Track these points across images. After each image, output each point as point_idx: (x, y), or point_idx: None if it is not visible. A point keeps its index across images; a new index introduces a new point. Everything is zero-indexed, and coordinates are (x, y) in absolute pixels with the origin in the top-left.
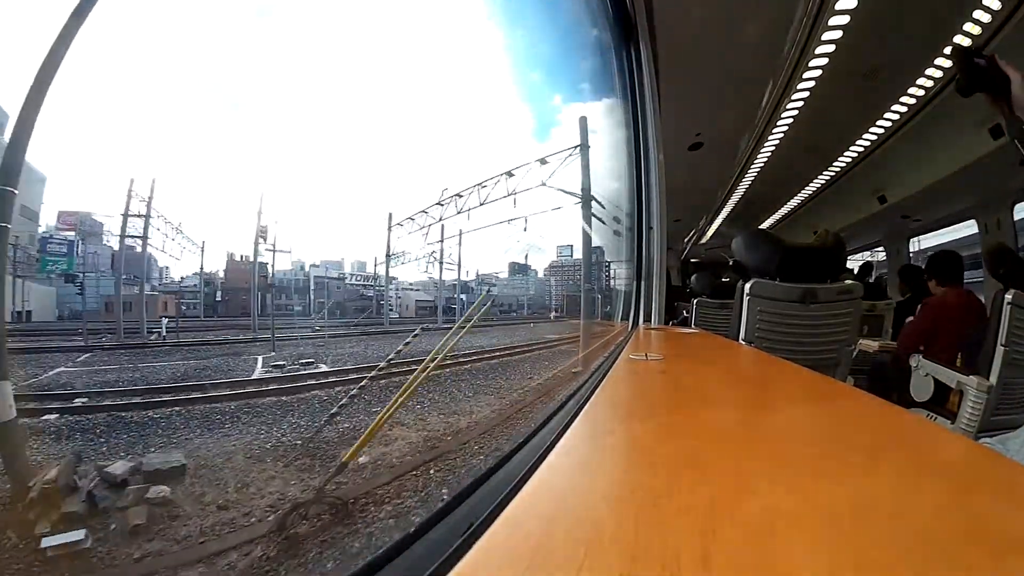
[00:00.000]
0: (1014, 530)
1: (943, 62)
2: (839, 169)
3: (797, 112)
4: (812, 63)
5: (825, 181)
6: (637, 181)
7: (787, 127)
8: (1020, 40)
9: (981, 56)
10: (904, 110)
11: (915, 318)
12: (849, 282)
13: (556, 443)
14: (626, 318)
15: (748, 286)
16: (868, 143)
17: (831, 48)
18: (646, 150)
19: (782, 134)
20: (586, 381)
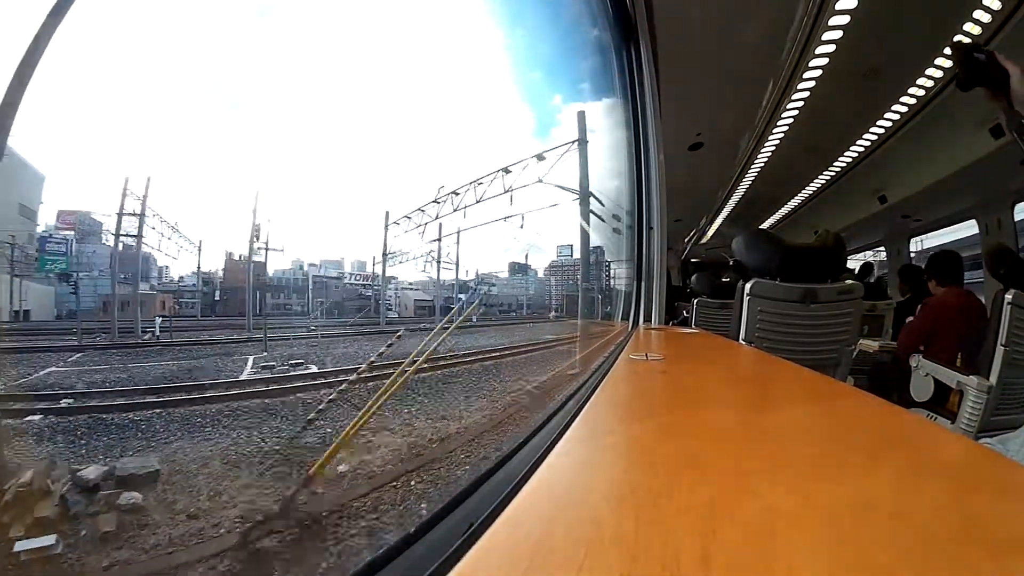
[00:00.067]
0: (1014, 530)
1: (943, 62)
2: (839, 169)
3: (797, 112)
4: (812, 63)
5: (825, 181)
6: (637, 181)
7: (787, 127)
8: (1021, 40)
9: (980, 51)
10: (904, 110)
11: (915, 318)
12: (849, 282)
13: (556, 443)
14: (626, 318)
15: (748, 286)
16: (868, 143)
17: (831, 48)
18: (646, 150)
19: (782, 134)
20: (586, 381)
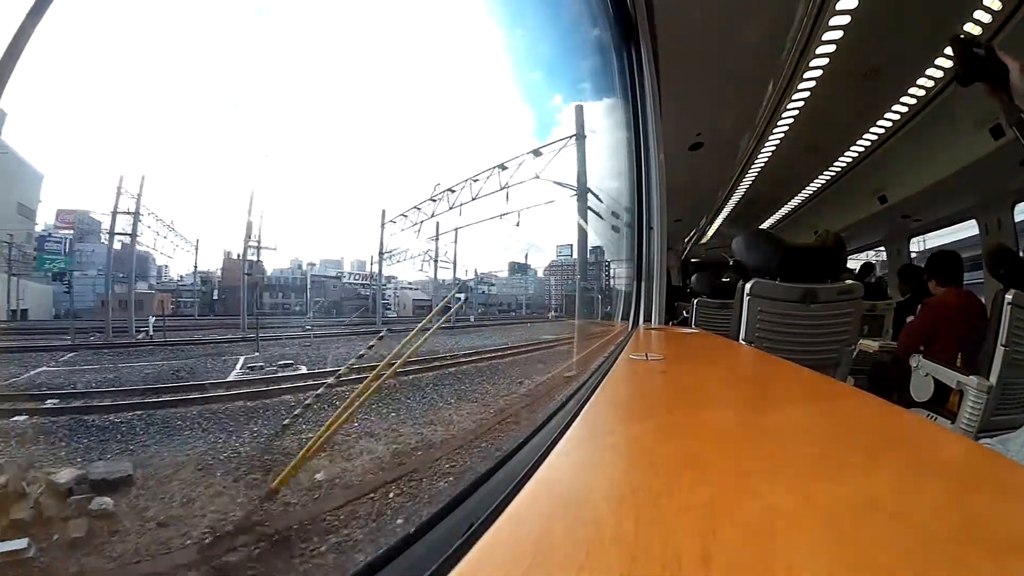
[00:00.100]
0: (1014, 530)
1: (943, 62)
2: (840, 169)
3: (797, 112)
4: (812, 63)
5: (825, 181)
6: (637, 181)
7: (787, 127)
8: (1021, 40)
9: (980, 46)
10: (904, 110)
11: (915, 318)
12: (849, 282)
13: (556, 443)
14: (626, 318)
15: (748, 286)
16: (868, 143)
17: (831, 48)
18: (646, 150)
19: (782, 134)
20: (586, 381)
